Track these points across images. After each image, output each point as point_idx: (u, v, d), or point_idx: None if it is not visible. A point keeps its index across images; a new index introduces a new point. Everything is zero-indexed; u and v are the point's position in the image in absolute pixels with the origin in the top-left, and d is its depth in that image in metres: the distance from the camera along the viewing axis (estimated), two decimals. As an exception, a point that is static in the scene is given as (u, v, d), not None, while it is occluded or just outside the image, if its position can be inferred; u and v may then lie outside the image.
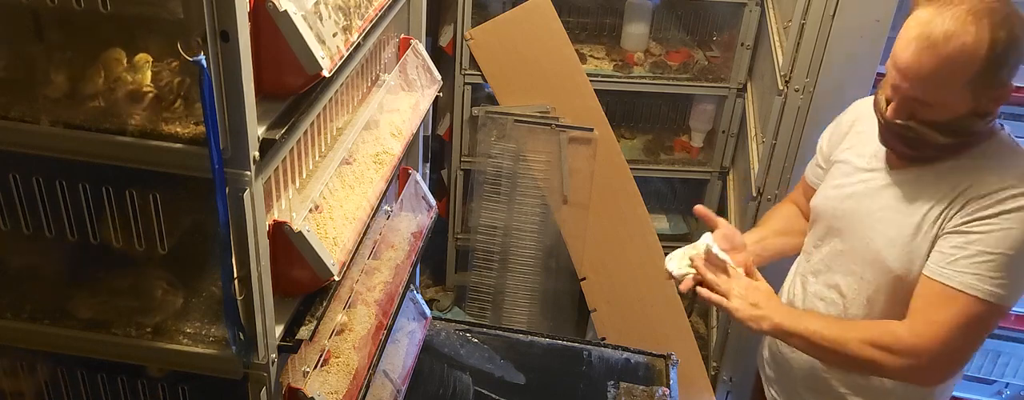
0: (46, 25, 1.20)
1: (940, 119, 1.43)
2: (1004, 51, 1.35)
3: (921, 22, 1.39)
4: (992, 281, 1.42)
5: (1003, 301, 1.43)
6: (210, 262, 1.39)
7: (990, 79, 1.38)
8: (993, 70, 1.37)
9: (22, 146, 1.17)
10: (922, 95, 1.43)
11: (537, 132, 2.90)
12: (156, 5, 1.13)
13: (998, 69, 1.37)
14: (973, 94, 1.40)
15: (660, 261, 2.95)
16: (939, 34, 1.36)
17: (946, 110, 1.42)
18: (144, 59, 1.16)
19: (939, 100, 1.42)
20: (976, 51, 1.35)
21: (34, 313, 1.36)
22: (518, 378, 2.19)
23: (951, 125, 1.44)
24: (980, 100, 1.41)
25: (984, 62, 1.36)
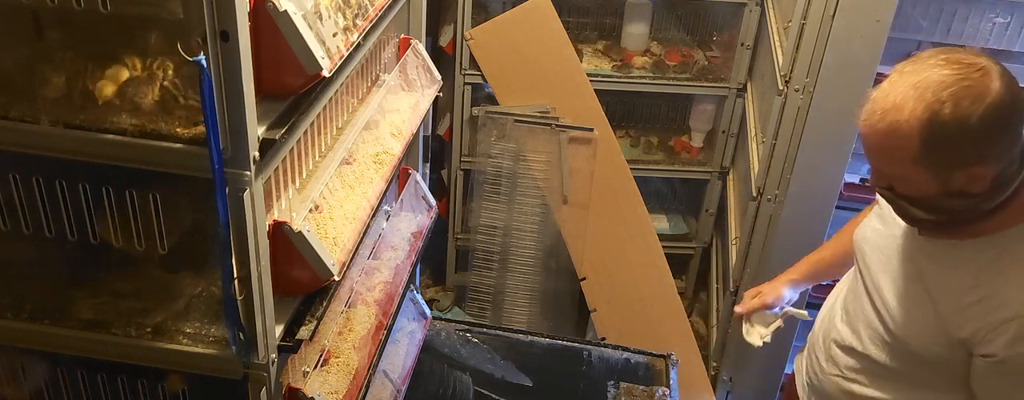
0: (46, 25, 1.20)
1: (912, 194, 1.32)
2: (947, 132, 1.21)
3: (880, 87, 1.28)
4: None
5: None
6: (210, 262, 1.38)
7: (942, 159, 1.24)
8: (938, 151, 1.23)
9: (22, 146, 1.17)
10: (880, 166, 1.34)
11: (537, 132, 2.90)
12: (156, 5, 1.13)
13: (946, 150, 1.23)
14: (931, 173, 1.26)
15: (660, 261, 2.97)
16: (879, 107, 1.26)
17: (913, 186, 1.30)
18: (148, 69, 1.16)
19: (897, 175, 1.31)
20: (909, 131, 1.23)
21: (34, 313, 1.36)
22: (518, 378, 2.19)
23: (926, 202, 1.31)
24: (947, 181, 1.26)
25: (921, 144, 1.23)
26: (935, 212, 1.33)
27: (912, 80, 1.23)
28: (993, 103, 1.19)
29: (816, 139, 2.19)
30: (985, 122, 1.20)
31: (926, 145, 1.23)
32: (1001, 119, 1.20)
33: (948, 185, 1.27)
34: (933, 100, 1.20)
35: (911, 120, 1.22)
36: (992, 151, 1.23)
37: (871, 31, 2.03)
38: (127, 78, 1.18)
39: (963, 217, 1.32)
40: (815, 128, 2.18)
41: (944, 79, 1.21)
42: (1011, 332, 1.28)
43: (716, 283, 3.10)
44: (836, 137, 2.19)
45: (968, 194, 1.27)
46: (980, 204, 1.29)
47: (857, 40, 2.05)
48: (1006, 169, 1.26)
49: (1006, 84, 1.21)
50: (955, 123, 1.20)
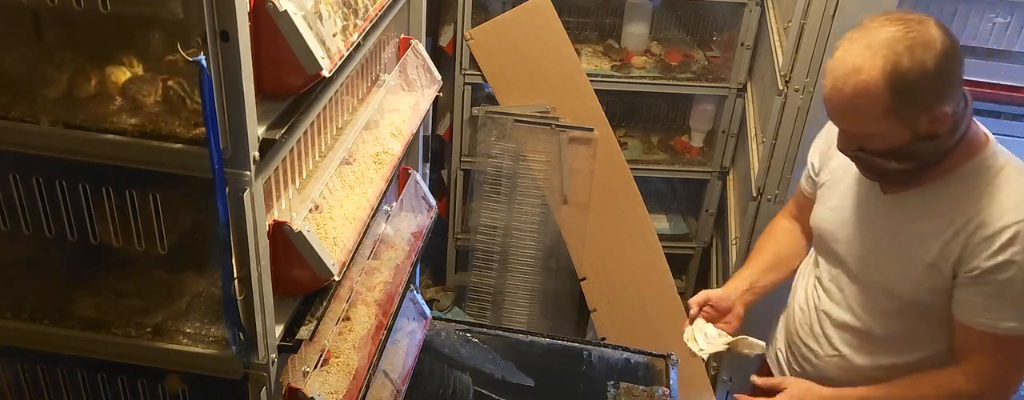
0: (46, 25, 1.20)
1: (885, 147, 1.42)
2: (909, 79, 1.33)
3: (834, 57, 1.40)
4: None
5: None
6: (210, 262, 1.38)
7: (910, 107, 1.36)
8: (906, 99, 1.35)
9: (22, 146, 1.17)
10: (850, 128, 1.45)
11: (537, 132, 2.90)
12: (156, 5, 1.13)
13: (913, 96, 1.35)
14: (901, 122, 1.38)
15: (660, 261, 2.97)
16: (841, 72, 1.37)
17: (884, 139, 1.41)
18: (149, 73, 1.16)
19: (868, 132, 1.42)
20: (875, 86, 1.34)
21: (34, 313, 1.36)
22: (518, 378, 2.19)
23: (899, 152, 1.42)
24: (915, 126, 1.38)
25: (889, 94, 1.34)
26: (908, 160, 1.43)
27: (864, 43, 1.35)
28: (941, 47, 1.33)
29: (816, 139, 2.19)
30: (939, 64, 1.33)
31: (894, 96, 1.34)
32: (949, 59, 1.34)
33: (916, 130, 1.38)
34: (890, 54, 1.33)
35: (875, 76, 1.34)
36: (948, 90, 1.36)
37: (871, 31, 2.03)
38: (127, 78, 1.18)
39: (930, 161, 1.43)
40: (815, 128, 2.17)
41: (893, 35, 1.34)
42: (994, 244, 1.39)
43: (716, 283, 3.10)
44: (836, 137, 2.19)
45: (934, 135, 1.39)
46: (944, 143, 1.41)
47: (857, 40, 2.05)
48: (957, 106, 1.40)
49: (942, 30, 1.36)
50: (916, 70, 1.32)
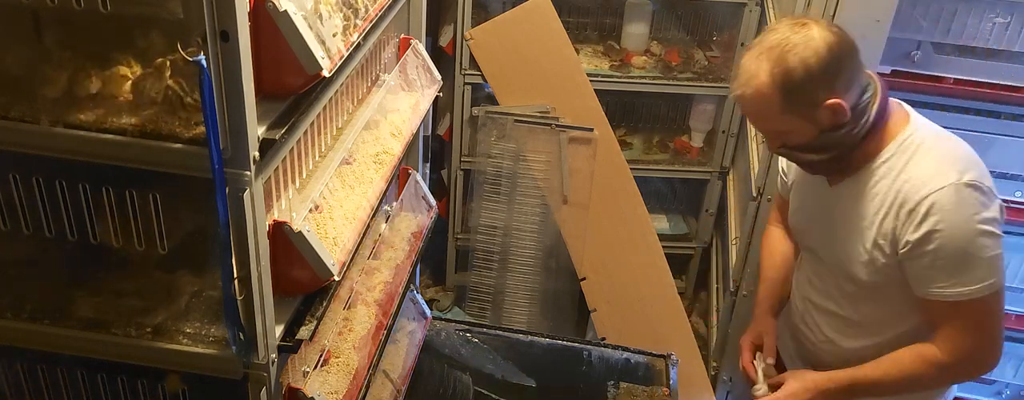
0: (46, 25, 1.20)
1: (799, 142, 1.54)
2: (795, 78, 1.45)
3: (737, 66, 1.54)
4: (974, 277, 1.47)
5: (994, 285, 1.49)
6: (210, 262, 1.38)
7: (802, 103, 1.47)
8: (796, 96, 1.46)
9: (22, 146, 1.17)
10: (762, 128, 1.60)
11: (537, 132, 2.90)
12: (156, 5, 1.13)
13: (802, 94, 1.46)
14: (801, 118, 1.50)
15: (660, 261, 2.97)
16: (739, 80, 1.52)
17: (795, 135, 1.53)
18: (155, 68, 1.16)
19: (778, 129, 1.55)
20: (767, 88, 1.47)
21: (34, 313, 1.36)
22: (518, 378, 2.19)
23: (812, 145, 1.53)
24: (816, 120, 1.49)
25: (780, 94, 1.47)
26: (824, 150, 1.54)
27: (755, 50, 1.50)
28: (822, 44, 1.44)
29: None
30: (822, 61, 1.44)
31: (785, 95, 1.47)
32: (832, 55, 1.44)
33: (819, 122, 1.50)
34: (775, 57, 1.46)
35: (765, 80, 1.47)
36: (837, 82, 1.46)
37: (871, 31, 2.03)
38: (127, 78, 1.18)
39: (845, 147, 1.53)
40: (815, 128, 2.18)
41: (778, 39, 1.47)
42: (916, 217, 1.47)
43: (716, 283, 3.10)
44: (836, 137, 2.19)
45: (839, 125, 1.49)
46: (853, 131, 1.51)
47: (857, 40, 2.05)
48: (859, 98, 1.50)
49: (827, 29, 1.47)
50: (799, 69, 1.44)
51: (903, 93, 2.24)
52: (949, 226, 1.45)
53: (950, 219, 1.45)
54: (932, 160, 1.49)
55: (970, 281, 1.47)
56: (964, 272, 1.47)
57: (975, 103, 2.22)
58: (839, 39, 1.46)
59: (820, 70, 1.44)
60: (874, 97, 1.52)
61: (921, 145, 1.51)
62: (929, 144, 1.51)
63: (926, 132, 1.54)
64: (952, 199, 1.44)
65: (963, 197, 1.44)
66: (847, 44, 1.47)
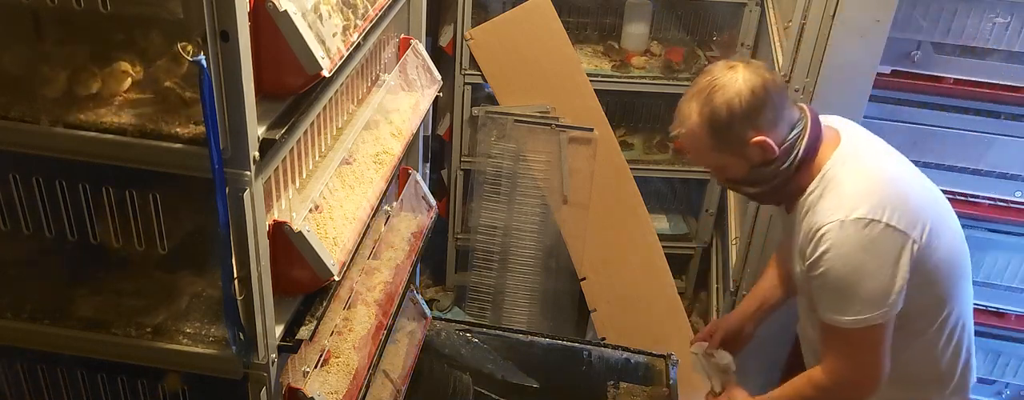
0: (46, 25, 1.20)
1: (735, 176, 1.64)
2: (720, 118, 1.54)
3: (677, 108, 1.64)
4: (851, 310, 1.54)
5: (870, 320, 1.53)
6: (210, 262, 1.38)
7: (731, 141, 1.57)
8: (724, 135, 1.56)
9: (22, 146, 1.17)
10: (702, 164, 1.71)
11: (537, 132, 2.90)
12: (156, 5, 1.13)
13: (729, 132, 1.56)
14: (733, 155, 1.59)
15: (660, 261, 2.97)
16: (677, 121, 1.62)
17: (731, 170, 1.63)
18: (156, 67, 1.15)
19: (714, 165, 1.65)
20: (698, 128, 1.58)
21: (34, 313, 1.36)
22: (518, 378, 2.19)
23: (747, 179, 1.64)
24: (747, 156, 1.58)
25: (709, 133, 1.57)
26: (759, 184, 1.64)
27: (689, 93, 1.60)
28: (745, 86, 1.53)
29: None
30: (744, 101, 1.53)
31: (714, 135, 1.57)
32: (755, 96, 1.53)
33: (750, 159, 1.59)
34: (704, 99, 1.56)
35: (696, 120, 1.57)
36: (760, 121, 1.55)
37: (871, 31, 2.03)
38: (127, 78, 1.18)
39: (778, 181, 1.61)
40: (815, 128, 2.18)
41: (706, 82, 1.57)
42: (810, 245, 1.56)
43: (716, 283, 3.10)
44: (836, 137, 2.19)
45: (768, 161, 1.58)
46: (781, 167, 1.59)
47: (857, 40, 2.05)
48: (787, 134, 1.58)
49: (753, 71, 1.55)
50: (723, 110, 1.54)
51: (903, 93, 2.24)
52: (831, 258, 1.52)
53: (833, 252, 1.52)
54: (834, 196, 1.55)
55: (846, 313, 1.54)
56: (841, 303, 1.55)
57: (975, 103, 2.22)
58: (763, 80, 1.54)
59: (743, 110, 1.53)
60: (803, 132, 1.59)
61: (833, 180, 1.57)
62: (838, 179, 1.57)
63: (840, 166, 1.59)
64: (837, 234, 1.51)
65: (847, 234, 1.50)
66: (772, 84, 1.56)
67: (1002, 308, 2.42)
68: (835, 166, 1.58)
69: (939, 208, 1.64)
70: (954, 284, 1.64)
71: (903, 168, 1.65)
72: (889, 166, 1.62)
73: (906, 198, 1.55)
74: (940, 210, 1.64)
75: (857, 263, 1.51)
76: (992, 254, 2.35)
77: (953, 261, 1.63)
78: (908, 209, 1.53)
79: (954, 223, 1.67)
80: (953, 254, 1.63)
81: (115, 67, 1.18)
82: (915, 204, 1.55)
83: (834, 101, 2.14)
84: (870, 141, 1.67)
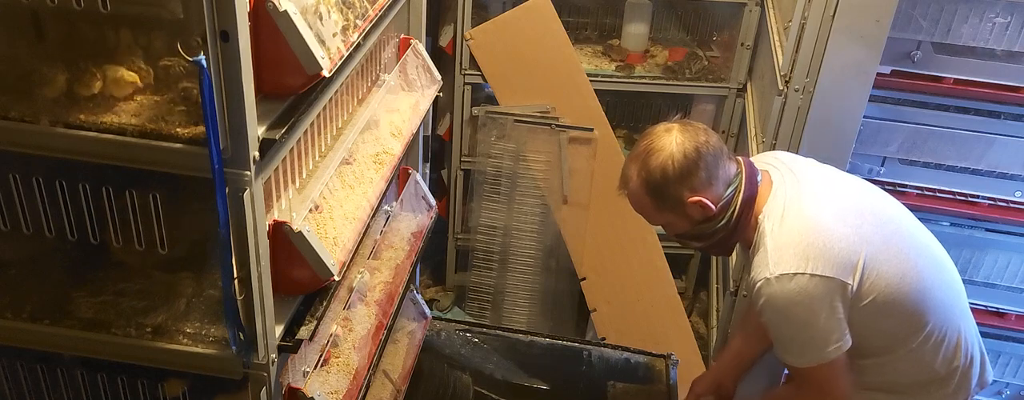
0: (46, 25, 1.20)
1: (680, 232, 1.70)
2: (655, 181, 1.60)
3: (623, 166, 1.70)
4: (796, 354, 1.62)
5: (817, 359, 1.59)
6: (210, 262, 1.39)
7: (670, 201, 1.62)
8: (663, 196, 1.62)
9: (22, 146, 1.17)
10: (650, 221, 1.74)
11: (537, 132, 2.90)
12: (156, 5, 1.13)
13: (665, 193, 1.61)
14: (673, 214, 1.65)
15: (660, 261, 2.97)
16: (622, 182, 1.68)
17: (676, 226, 1.69)
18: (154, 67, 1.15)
19: (660, 222, 1.70)
20: (639, 189, 1.64)
21: (34, 313, 1.36)
22: (518, 378, 2.19)
23: (690, 235, 1.70)
24: (686, 215, 1.64)
25: (649, 195, 1.63)
26: (702, 239, 1.70)
27: (631, 155, 1.67)
28: (677, 149, 1.59)
29: (816, 139, 2.19)
30: (676, 164, 1.59)
31: (652, 196, 1.63)
32: (687, 158, 1.59)
33: (691, 216, 1.64)
34: (640, 164, 1.63)
35: (636, 182, 1.64)
36: (696, 181, 1.60)
37: (871, 31, 2.03)
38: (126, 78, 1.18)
39: (721, 235, 1.67)
40: (815, 128, 2.18)
41: (645, 145, 1.63)
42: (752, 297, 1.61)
43: (716, 283, 3.10)
44: (836, 137, 2.19)
45: (708, 218, 1.63)
46: (721, 223, 1.64)
47: (857, 40, 2.05)
48: (723, 192, 1.63)
49: (685, 134, 1.61)
50: (659, 172, 1.60)
51: (903, 93, 2.24)
52: (768, 312, 1.59)
53: (768, 307, 1.58)
54: (762, 253, 1.60)
55: (796, 358, 1.62)
56: (789, 349, 1.62)
57: (975, 103, 2.22)
58: (696, 143, 1.60)
59: (676, 173, 1.59)
60: (738, 189, 1.63)
61: (762, 236, 1.62)
62: (765, 235, 1.61)
63: (767, 221, 1.62)
64: (768, 291, 1.56)
65: (775, 290, 1.55)
66: (705, 145, 1.60)
67: (1002, 308, 2.42)
68: (764, 221, 1.63)
69: (884, 232, 1.63)
70: (923, 300, 1.64)
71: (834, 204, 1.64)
72: (813, 211, 1.62)
73: (831, 243, 1.56)
74: (885, 234, 1.63)
75: (791, 315, 1.57)
76: (992, 254, 2.35)
77: (911, 280, 1.62)
78: (834, 253, 1.55)
79: (909, 241, 1.68)
80: (910, 274, 1.62)
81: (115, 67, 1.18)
82: (843, 246, 1.56)
83: (834, 101, 2.14)
84: (799, 183, 1.67)
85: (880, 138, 2.28)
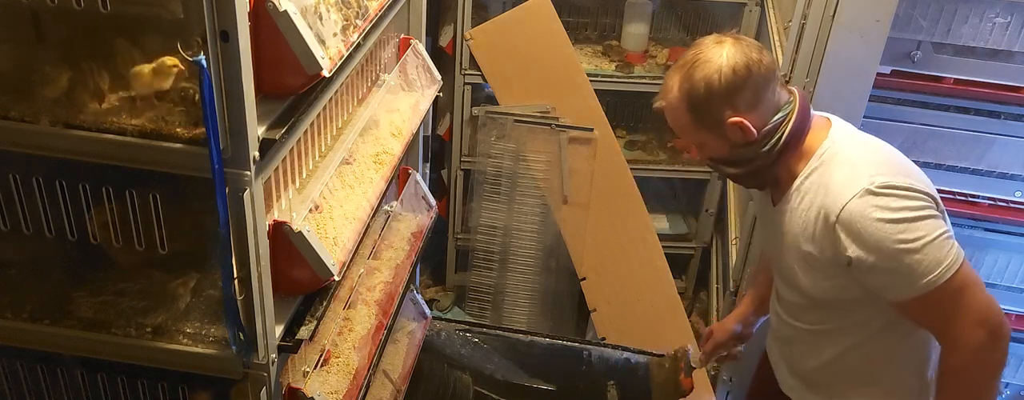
0: (46, 25, 1.20)
1: (718, 155, 1.58)
2: (698, 95, 1.49)
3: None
4: (925, 270, 1.43)
5: (950, 265, 1.44)
6: (210, 262, 1.38)
7: (708, 119, 1.51)
8: (701, 111, 1.51)
9: (22, 146, 1.17)
10: (682, 138, 1.63)
11: (537, 132, 2.90)
12: (156, 5, 1.13)
13: (707, 110, 1.50)
14: (710, 132, 1.53)
15: (660, 261, 2.97)
16: (661, 93, 1.57)
17: (711, 147, 1.57)
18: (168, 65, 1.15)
19: (694, 141, 1.59)
20: (677, 102, 1.53)
21: (34, 313, 1.36)
22: (518, 378, 2.19)
23: (727, 158, 1.58)
24: (724, 135, 1.52)
25: (686, 108, 1.52)
26: (737, 165, 1.58)
27: (676, 65, 1.55)
28: (727, 63, 1.48)
29: (816, 139, 2.20)
30: (724, 78, 1.47)
31: (691, 110, 1.52)
32: (736, 75, 1.47)
33: (728, 138, 1.53)
34: (684, 75, 1.51)
35: (676, 94, 1.53)
36: (738, 101, 1.49)
37: (871, 31, 2.03)
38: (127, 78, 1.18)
39: (759, 163, 1.55)
40: (815, 128, 2.18)
41: (692, 55, 1.52)
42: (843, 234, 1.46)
43: (716, 283, 3.10)
44: (836, 137, 2.19)
45: (748, 142, 1.52)
46: (762, 149, 1.53)
47: (857, 40, 2.05)
48: (770, 118, 1.52)
49: (738, 49, 1.49)
50: (703, 85, 1.49)
51: (903, 93, 2.24)
52: (872, 236, 1.43)
53: (870, 229, 1.43)
54: (845, 169, 1.49)
55: (923, 274, 1.44)
56: (912, 270, 1.44)
57: (975, 103, 2.22)
58: (747, 60, 1.48)
59: (721, 89, 1.48)
60: (789, 116, 1.52)
61: (836, 155, 1.52)
62: (843, 154, 1.51)
63: (842, 141, 1.54)
64: (865, 208, 1.43)
65: (876, 203, 1.43)
66: (756, 64, 1.49)
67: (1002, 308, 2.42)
68: (834, 145, 1.52)
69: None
70: None
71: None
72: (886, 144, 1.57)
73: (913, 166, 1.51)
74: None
75: (897, 227, 1.42)
76: (992, 254, 2.35)
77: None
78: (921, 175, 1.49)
79: None
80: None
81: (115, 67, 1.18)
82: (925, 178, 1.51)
83: (834, 101, 2.14)
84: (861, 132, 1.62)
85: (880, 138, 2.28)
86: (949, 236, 1.45)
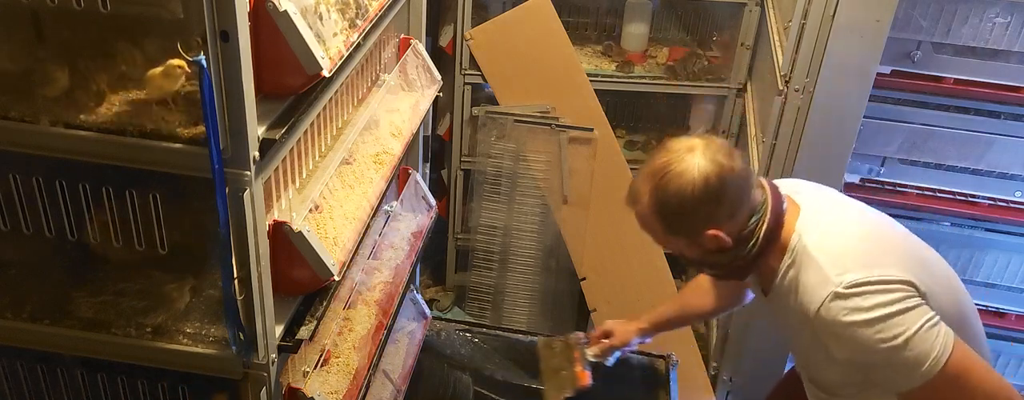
0: (46, 25, 1.20)
1: (691, 257, 1.54)
2: (671, 207, 1.43)
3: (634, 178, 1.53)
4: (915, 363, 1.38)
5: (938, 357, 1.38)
6: (210, 262, 1.39)
7: (682, 229, 1.46)
8: (676, 224, 1.45)
9: (22, 146, 1.17)
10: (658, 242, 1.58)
11: (537, 132, 2.90)
12: (156, 5, 1.13)
13: (681, 222, 1.45)
14: (684, 240, 1.49)
15: (660, 261, 2.97)
16: (630, 197, 1.50)
17: (686, 252, 1.52)
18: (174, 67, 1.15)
19: (668, 246, 1.56)
20: (649, 213, 1.46)
21: (34, 313, 1.36)
22: (518, 378, 2.19)
23: (701, 262, 1.55)
24: (699, 243, 1.47)
25: (659, 219, 1.46)
26: (715, 268, 1.56)
27: (645, 170, 1.47)
28: (699, 176, 1.40)
29: (816, 139, 2.19)
30: (697, 193, 1.40)
31: (664, 222, 1.46)
32: (709, 188, 1.40)
33: (703, 246, 1.47)
34: (656, 184, 1.43)
35: (647, 203, 1.45)
36: (716, 214, 1.43)
37: (871, 31, 2.03)
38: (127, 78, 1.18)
39: (735, 266, 1.51)
40: (815, 128, 2.18)
41: (662, 163, 1.43)
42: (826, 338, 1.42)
43: (716, 283, 3.10)
44: (836, 137, 2.19)
45: (723, 249, 1.47)
46: (739, 254, 1.48)
47: (857, 40, 2.05)
48: (746, 222, 1.45)
49: (711, 157, 1.41)
50: (675, 199, 1.41)
51: (903, 93, 2.24)
52: (851, 340, 1.39)
53: (847, 334, 1.39)
54: (812, 270, 1.43)
55: (915, 366, 1.38)
56: (904, 364, 1.39)
57: (975, 103, 2.22)
58: (720, 169, 1.40)
59: (695, 203, 1.41)
60: (763, 218, 1.46)
61: (804, 251, 1.45)
62: (810, 250, 1.44)
63: (809, 233, 1.47)
64: (837, 313, 1.38)
65: (846, 305, 1.38)
66: (730, 172, 1.41)
67: (1002, 308, 2.42)
68: (801, 240, 1.46)
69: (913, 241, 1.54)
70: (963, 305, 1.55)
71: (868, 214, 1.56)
72: (855, 218, 1.52)
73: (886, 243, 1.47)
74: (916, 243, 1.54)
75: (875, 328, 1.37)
76: (992, 254, 2.35)
77: (955, 287, 1.54)
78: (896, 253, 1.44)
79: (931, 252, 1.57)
80: (953, 281, 1.54)
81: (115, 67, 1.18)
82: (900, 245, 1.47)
83: (834, 101, 2.14)
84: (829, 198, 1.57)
85: (880, 138, 2.29)
86: (933, 323, 1.39)
